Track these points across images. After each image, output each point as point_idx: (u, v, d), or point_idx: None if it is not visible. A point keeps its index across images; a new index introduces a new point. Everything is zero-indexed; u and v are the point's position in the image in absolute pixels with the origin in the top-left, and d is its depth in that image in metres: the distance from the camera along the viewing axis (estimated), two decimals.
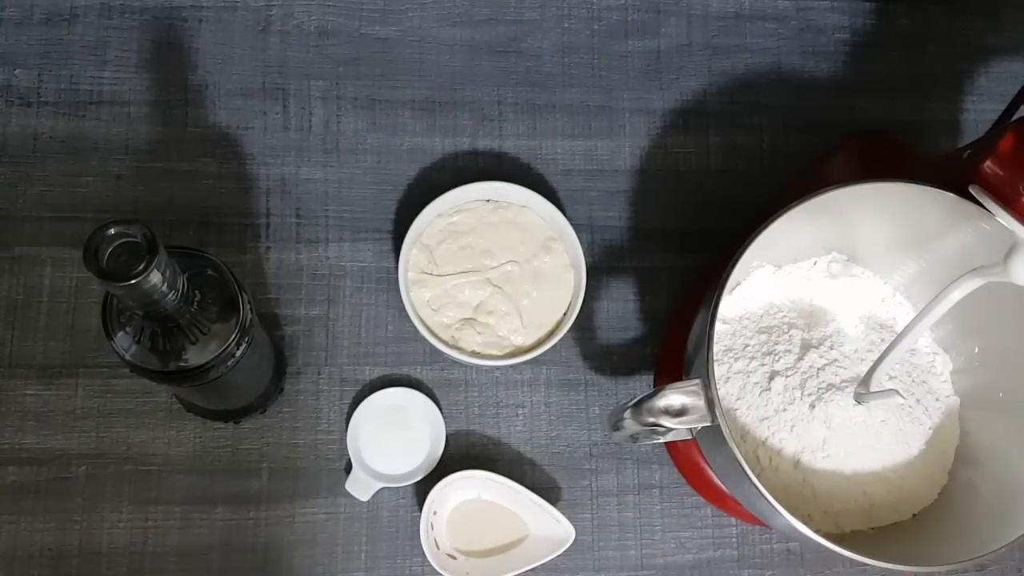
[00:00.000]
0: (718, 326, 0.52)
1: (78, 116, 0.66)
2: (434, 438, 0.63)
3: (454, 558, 0.61)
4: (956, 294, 0.48)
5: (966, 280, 0.48)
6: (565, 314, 0.63)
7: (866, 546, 0.49)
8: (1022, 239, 0.46)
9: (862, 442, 0.55)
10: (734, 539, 0.65)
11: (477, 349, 0.62)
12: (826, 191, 0.51)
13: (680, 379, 0.50)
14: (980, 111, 0.74)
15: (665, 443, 0.65)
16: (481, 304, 0.63)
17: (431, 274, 0.63)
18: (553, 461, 0.65)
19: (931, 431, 0.57)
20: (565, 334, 0.63)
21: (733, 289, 0.60)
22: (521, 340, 0.63)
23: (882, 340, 0.58)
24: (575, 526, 0.61)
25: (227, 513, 0.62)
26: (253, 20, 0.69)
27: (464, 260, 0.63)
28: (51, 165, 0.65)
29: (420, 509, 0.61)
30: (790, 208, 0.50)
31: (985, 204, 0.49)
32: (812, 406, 0.54)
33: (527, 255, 0.64)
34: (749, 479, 0.46)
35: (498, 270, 0.63)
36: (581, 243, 0.63)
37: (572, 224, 0.63)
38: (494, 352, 0.62)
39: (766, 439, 0.55)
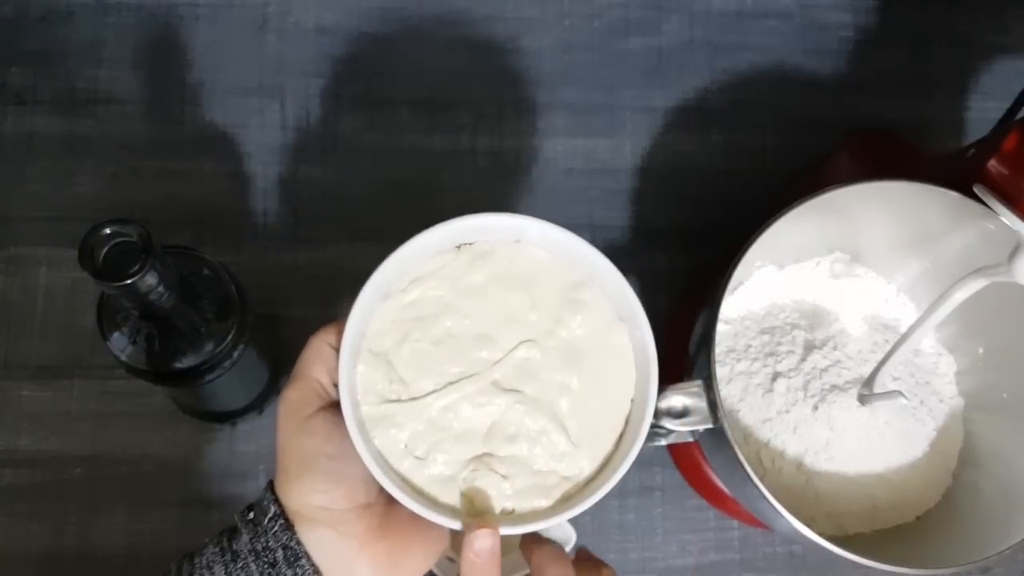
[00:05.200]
0: (720, 327, 0.52)
1: (74, 115, 0.66)
2: None
3: (453, 560, 0.61)
4: (960, 294, 0.47)
5: (970, 280, 0.47)
6: (635, 400, 0.41)
7: (869, 549, 0.48)
8: None
9: (866, 444, 0.54)
10: (736, 542, 0.65)
11: (509, 505, 0.39)
12: (829, 190, 0.50)
13: (682, 380, 0.49)
14: (984, 110, 0.73)
15: (667, 445, 0.64)
16: (495, 426, 0.39)
17: (399, 400, 0.39)
18: None
19: (935, 433, 0.57)
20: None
21: (735, 289, 0.59)
22: (577, 468, 0.39)
23: (886, 341, 0.58)
24: (575, 528, 0.60)
25: (224, 516, 0.61)
26: (250, 18, 0.69)
27: (447, 362, 0.40)
28: (47, 164, 0.65)
29: None
30: (792, 208, 0.50)
31: (989, 204, 0.48)
32: (815, 407, 0.54)
33: (546, 324, 0.40)
34: (751, 481, 0.46)
35: (507, 363, 0.40)
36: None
37: (571, 228, 0.42)
38: (538, 504, 0.39)
39: (769, 441, 0.55)
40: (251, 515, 0.38)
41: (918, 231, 0.56)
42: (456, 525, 0.37)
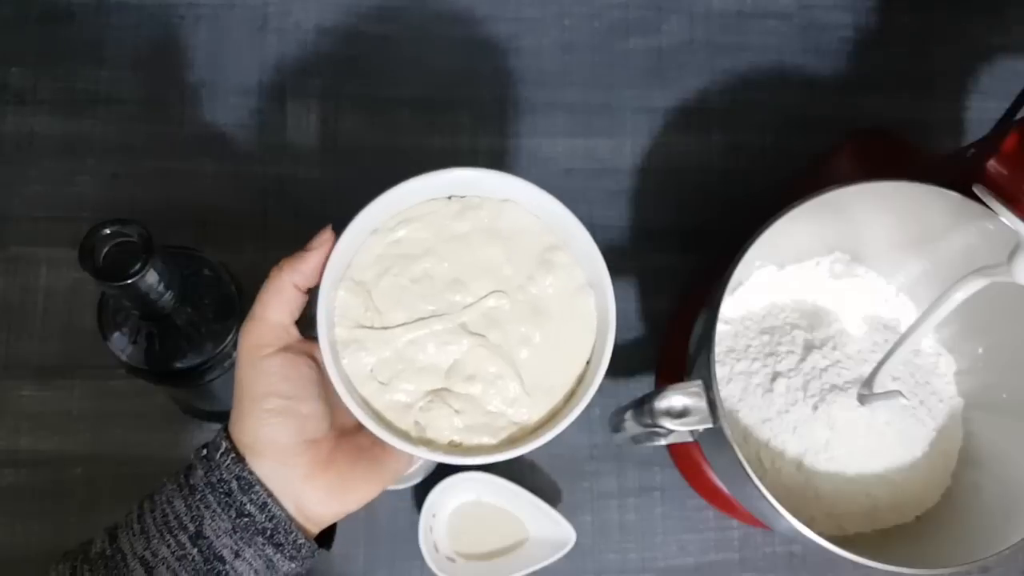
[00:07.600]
0: (720, 327, 0.52)
1: (74, 115, 0.66)
2: None
3: (453, 561, 0.61)
4: (960, 294, 0.47)
5: (970, 280, 0.47)
6: (589, 363, 0.42)
7: (869, 548, 0.48)
8: None
9: (865, 444, 0.54)
10: (736, 542, 0.65)
11: (457, 438, 0.41)
12: (828, 190, 0.50)
13: (682, 380, 0.49)
14: (984, 110, 0.73)
15: (667, 445, 0.64)
16: (456, 365, 0.42)
17: (372, 327, 0.42)
18: (553, 463, 0.64)
19: (934, 433, 0.57)
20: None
21: (735, 289, 0.59)
22: (526, 415, 0.42)
23: (885, 341, 0.58)
24: (575, 529, 0.61)
25: None
26: (250, 18, 0.69)
27: (421, 299, 0.42)
28: (47, 164, 0.65)
29: (419, 512, 0.60)
30: (792, 208, 0.50)
31: (989, 204, 0.48)
32: (815, 407, 0.54)
33: (519, 279, 0.43)
34: (751, 481, 0.46)
35: (476, 308, 0.42)
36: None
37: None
38: (484, 440, 0.41)
39: (768, 441, 0.55)
40: (204, 452, 0.41)
41: (918, 231, 0.56)
42: (407, 447, 0.39)
